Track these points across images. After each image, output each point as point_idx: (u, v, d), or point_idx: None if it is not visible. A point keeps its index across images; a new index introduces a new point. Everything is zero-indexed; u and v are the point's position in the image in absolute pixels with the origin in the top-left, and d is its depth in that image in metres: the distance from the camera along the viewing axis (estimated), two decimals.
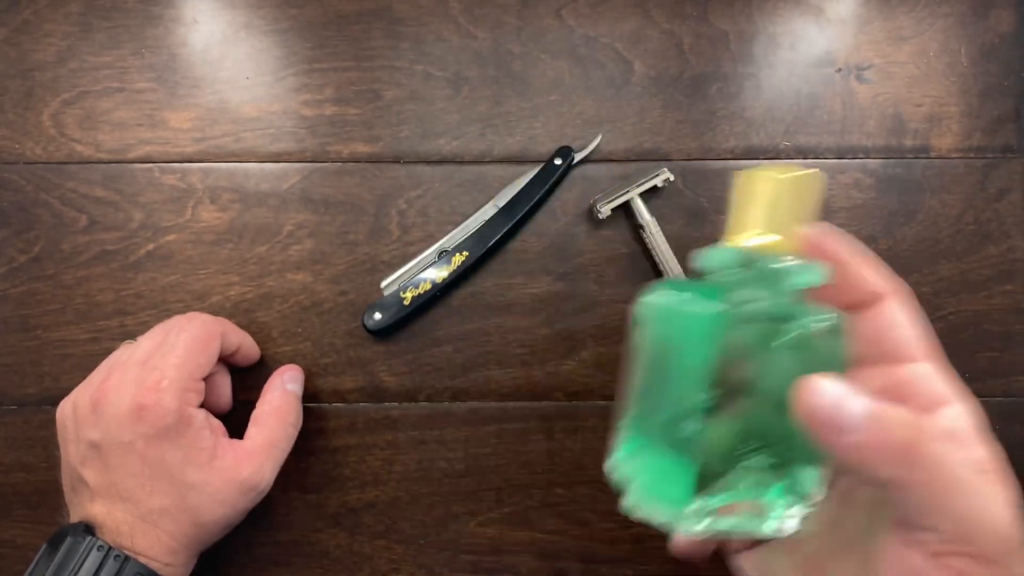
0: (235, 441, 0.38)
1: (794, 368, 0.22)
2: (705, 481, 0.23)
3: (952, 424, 0.23)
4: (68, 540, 0.33)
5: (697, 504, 0.23)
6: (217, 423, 0.38)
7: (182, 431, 0.35)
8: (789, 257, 0.24)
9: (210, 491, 0.35)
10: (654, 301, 0.25)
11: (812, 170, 0.25)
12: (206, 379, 0.38)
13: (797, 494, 0.24)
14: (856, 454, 0.21)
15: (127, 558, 0.33)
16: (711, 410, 0.23)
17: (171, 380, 0.35)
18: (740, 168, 0.45)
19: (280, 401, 0.40)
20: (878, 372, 0.25)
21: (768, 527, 0.24)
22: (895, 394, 0.24)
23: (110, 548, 0.33)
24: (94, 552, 0.32)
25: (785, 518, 0.24)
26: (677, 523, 0.23)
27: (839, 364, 0.23)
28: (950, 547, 0.21)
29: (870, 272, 0.25)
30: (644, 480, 0.24)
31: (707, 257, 0.25)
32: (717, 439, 0.23)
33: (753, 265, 0.24)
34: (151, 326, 0.44)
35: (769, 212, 0.24)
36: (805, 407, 0.21)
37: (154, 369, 0.36)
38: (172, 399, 0.35)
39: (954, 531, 0.21)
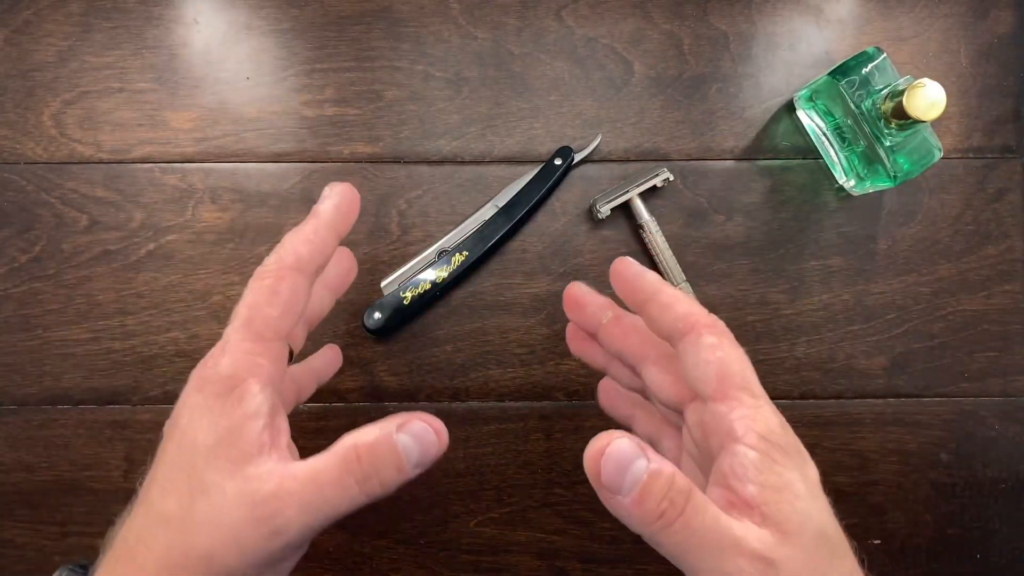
0: (286, 458, 0.26)
1: None
2: None
3: (725, 467, 0.25)
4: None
5: None
6: (283, 422, 0.28)
7: (228, 407, 0.26)
8: None
9: (222, 507, 0.25)
10: None
11: None
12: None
13: None
14: (621, 512, 0.23)
15: None
16: None
17: (230, 341, 0.27)
18: (740, 168, 0.45)
19: (369, 446, 0.26)
20: (694, 407, 0.28)
21: None
22: (706, 430, 0.26)
23: None
24: None
25: None
26: None
27: None
28: None
29: (678, 304, 0.27)
30: None
31: None
32: None
33: None
34: (152, 326, 0.44)
35: None
36: (593, 465, 0.23)
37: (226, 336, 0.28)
38: (227, 362, 0.26)
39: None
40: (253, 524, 0.24)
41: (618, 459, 0.23)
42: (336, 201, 0.30)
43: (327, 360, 0.40)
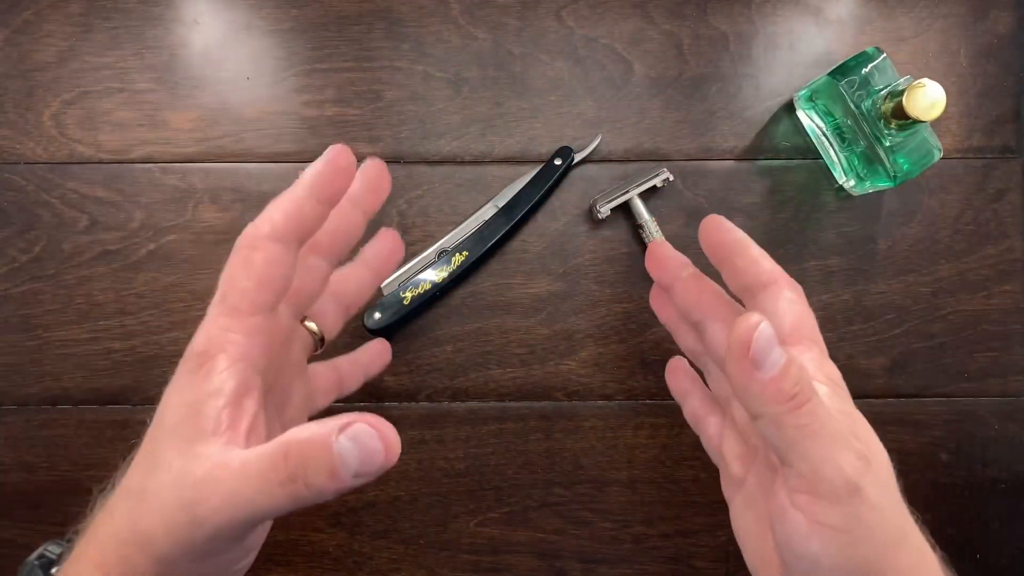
0: (237, 443, 0.24)
1: None
2: None
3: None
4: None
5: None
6: (252, 404, 0.25)
7: (195, 384, 0.24)
8: None
9: (163, 485, 0.23)
10: None
11: None
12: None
13: None
14: (754, 388, 0.24)
15: None
16: None
17: (207, 316, 0.26)
18: (740, 168, 0.45)
19: (300, 444, 0.23)
20: None
21: None
22: None
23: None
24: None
25: None
26: None
27: None
28: (799, 484, 0.25)
29: (764, 260, 0.30)
30: None
31: None
32: None
33: None
34: (152, 326, 0.44)
35: None
36: (745, 338, 0.24)
37: None
38: (200, 338, 0.25)
39: (806, 470, 0.24)
40: (179, 508, 0.23)
41: (767, 338, 0.24)
42: (318, 167, 0.27)
43: (373, 354, 0.40)
